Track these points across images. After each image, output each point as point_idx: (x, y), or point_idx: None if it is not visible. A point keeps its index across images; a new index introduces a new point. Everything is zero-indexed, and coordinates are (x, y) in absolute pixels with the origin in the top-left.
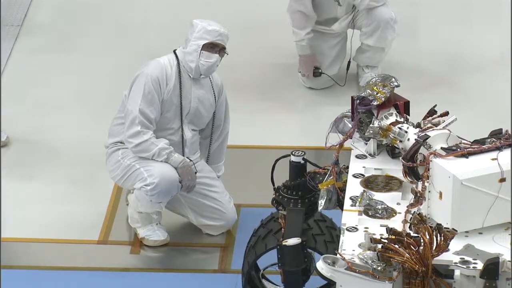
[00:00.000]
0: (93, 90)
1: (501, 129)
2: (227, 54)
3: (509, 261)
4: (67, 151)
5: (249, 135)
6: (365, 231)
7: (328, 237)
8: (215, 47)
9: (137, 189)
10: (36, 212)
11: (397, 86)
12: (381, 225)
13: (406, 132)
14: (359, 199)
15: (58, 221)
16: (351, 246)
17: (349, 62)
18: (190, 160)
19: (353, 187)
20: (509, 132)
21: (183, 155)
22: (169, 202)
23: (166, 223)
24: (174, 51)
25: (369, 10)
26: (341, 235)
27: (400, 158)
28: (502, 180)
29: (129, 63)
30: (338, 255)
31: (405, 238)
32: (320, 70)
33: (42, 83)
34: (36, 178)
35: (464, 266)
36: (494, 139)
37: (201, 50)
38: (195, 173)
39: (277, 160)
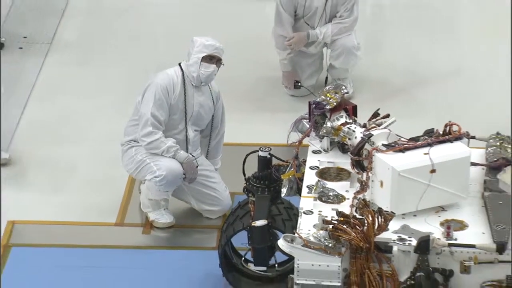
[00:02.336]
0: (110, 96)
1: (433, 129)
2: (223, 65)
3: (438, 238)
4: (89, 148)
5: (242, 135)
6: (319, 214)
7: (286, 216)
8: (212, 59)
9: (147, 180)
10: (63, 199)
11: (347, 93)
12: (332, 209)
13: (354, 131)
14: (314, 187)
15: (81, 207)
16: (307, 226)
17: (326, 76)
18: (193, 156)
19: (310, 177)
20: (440, 132)
21: (187, 152)
22: (175, 190)
23: (172, 208)
24: (179, 64)
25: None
26: (299, 217)
27: (349, 153)
28: (433, 171)
29: (141, 73)
30: (296, 234)
31: (352, 220)
32: (299, 83)
33: (69, 92)
34: (62, 172)
35: (401, 243)
36: (426, 137)
37: (200, 61)
38: (197, 167)
39: (247, 155)
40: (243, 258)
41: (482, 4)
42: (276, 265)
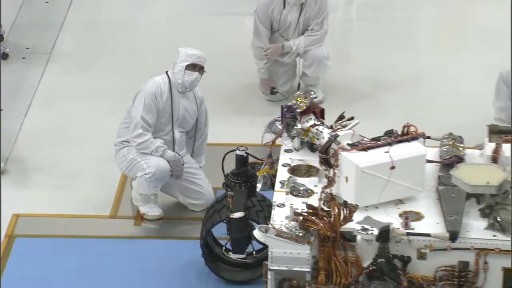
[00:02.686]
0: (105, 101)
1: (392, 130)
2: (205, 72)
3: (397, 228)
4: (86, 148)
5: (223, 136)
6: (290, 206)
7: (260, 208)
8: (195, 67)
9: (138, 177)
10: (62, 195)
11: (315, 98)
12: (303, 202)
13: (322, 132)
14: (286, 183)
15: (79, 201)
16: (280, 218)
17: (299, 83)
18: (179, 155)
19: (282, 174)
20: (399, 132)
21: (174, 151)
22: (163, 186)
23: (160, 202)
24: (166, 72)
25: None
26: (273, 210)
27: (317, 152)
28: (392, 167)
29: (133, 81)
30: (270, 225)
31: (320, 212)
32: (275, 90)
33: (67, 98)
34: (61, 171)
35: (364, 232)
36: (386, 137)
37: (185, 69)
38: (183, 164)
39: (226, 154)
40: (224, 248)
41: (437, 18)
42: (254, 253)
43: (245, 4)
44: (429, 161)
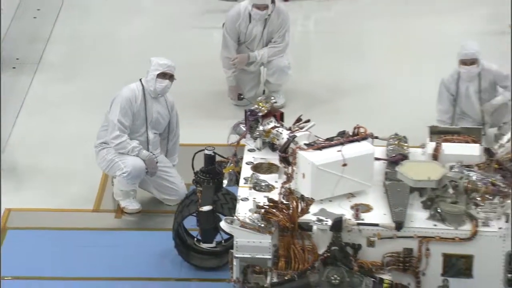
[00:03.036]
0: (88, 107)
1: (344, 131)
2: (175, 79)
3: (349, 219)
4: (71, 150)
5: (194, 137)
6: (253, 200)
7: (225, 201)
8: (166, 75)
9: (117, 176)
10: (51, 191)
11: (275, 102)
12: (264, 196)
13: (281, 133)
14: (249, 179)
15: (65, 198)
16: (244, 210)
17: (264, 90)
18: (153, 154)
19: (246, 171)
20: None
21: (148, 151)
22: (141, 183)
23: (139, 197)
24: (140, 80)
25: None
26: (237, 204)
27: (277, 151)
28: (344, 165)
29: (113, 88)
30: (235, 217)
31: (280, 205)
32: (242, 96)
33: (53, 104)
34: (49, 170)
35: (319, 223)
36: (339, 137)
37: (156, 77)
38: (157, 163)
39: (195, 153)
40: (195, 239)
41: (385, 32)
42: (223, 241)
43: (214, 19)
44: (377, 159)
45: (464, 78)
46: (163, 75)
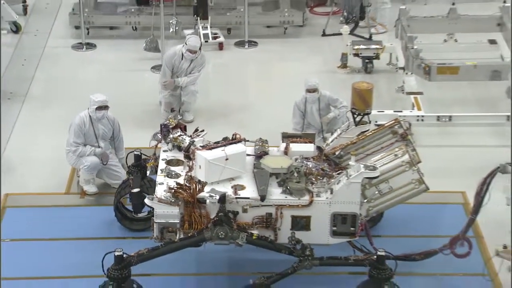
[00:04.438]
0: (58, 126)
1: (227, 136)
2: (109, 107)
3: (230, 194)
4: (49, 154)
5: (127, 143)
6: (166, 184)
7: (149, 186)
8: (102, 107)
9: (81, 168)
10: (37, 183)
11: (181, 118)
12: (174, 181)
13: (185, 139)
14: (164, 170)
15: (45, 185)
16: (160, 191)
17: (179, 109)
18: (105, 151)
19: (162, 165)
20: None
21: None
22: (97, 173)
23: (97, 183)
24: (88, 109)
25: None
26: (156, 187)
27: (182, 151)
28: (227, 159)
29: (75, 113)
30: (154, 196)
31: (184, 186)
32: (173, 109)
33: (36, 123)
34: (36, 169)
35: (210, 198)
36: (223, 141)
37: (95, 110)
38: (108, 156)
39: (128, 154)
40: (132, 212)
41: (259, 71)
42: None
43: (144, 64)
44: (248, 155)
45: (309, 101)
46: (100, 108)
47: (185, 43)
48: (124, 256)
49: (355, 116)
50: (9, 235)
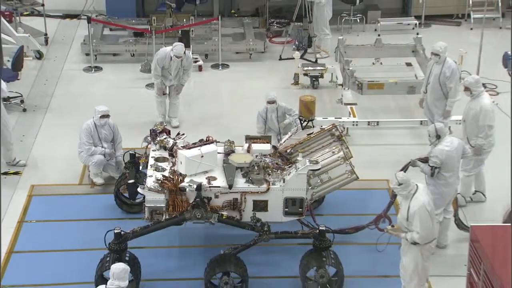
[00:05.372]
0: (72, 131)
1: (202, 138)
2: (110, 116)
3: (205, 184)
4: (66, 153)
5: (124, 144)
6: (155, 176)
7: (140, 178)
8: (104, 116)
9: (90, 164)
10: (54, 174)
11: (165, 125)
12: (162, 175)
13: (169, 141)
14: (153, 165)
15: (63, 178)
16: (150, 181)
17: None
18: (110, 151)
19: (151, 161)
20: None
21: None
22: (103, 167)
23: (104, 176)
24: (93, 117)
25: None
26: (147, 178)
27: (167, 150)
28: (202, 156)
29: (85, 121)
30: (145, 185)
31: (169, 178)
32: (164, 93)
33: (54, 130)
34: (54, 164)
35: (189, 187)
36: (199, 142)
37: (99, 118)
38: (113, 155)
39: (124, 153)
40: (129, 198)
41: (232, 87)
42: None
43: (140, 82)
44: (219, 153)
45: (269, 110)
46: (103, 116)
47: (172, 49)
48: (122, 233)
49: (302, 122)
50: (34, 217)
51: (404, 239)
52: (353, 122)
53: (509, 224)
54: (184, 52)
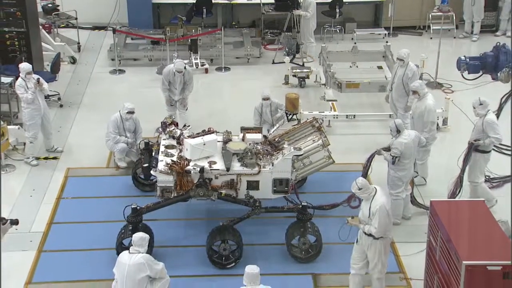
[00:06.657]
0: (101, 123)
1: (204, 129)
2: (134, 112)
3: (207, 167)
4: (96, 141)
5: (144, 134)
6: (165, 161)
7: (154, 161)
8: (130, 112)
9: (115, 151)
10: (86, 158)
11: (174, 118)
12: (171, 159)
13: (177, 131)
14: (164, 151)
15: (94, 161)
16: (161, 165)
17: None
18: (131, 140)
19: (162, 148)
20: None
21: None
22: (126, 154)
23: (126, 160)
24: (119, 111)
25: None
26: (159, 162)
27: (175, 139)
28: (204, 144)
29: (111, 115)
30: (157, 168)
31: (177, 162)
32: (172, 104)
33: (87, 122)
34: (86, 151)
35: (194, 170)
36: (202, 133)
37: (126, 113)
38: (134, 143)
39: (139, 142)
40: (144, 179)
41: (233, 86)
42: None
43: (157, 82)
44: (219, 141)
45: (264, 106)
46: (129, 112)
47: (174, 65)
48: (138, 208)
49: (288, 115)
50: (70, 195)
51: (362, 230)
52: (334, 115)
53: (460, 199)
54: (185, 67)
